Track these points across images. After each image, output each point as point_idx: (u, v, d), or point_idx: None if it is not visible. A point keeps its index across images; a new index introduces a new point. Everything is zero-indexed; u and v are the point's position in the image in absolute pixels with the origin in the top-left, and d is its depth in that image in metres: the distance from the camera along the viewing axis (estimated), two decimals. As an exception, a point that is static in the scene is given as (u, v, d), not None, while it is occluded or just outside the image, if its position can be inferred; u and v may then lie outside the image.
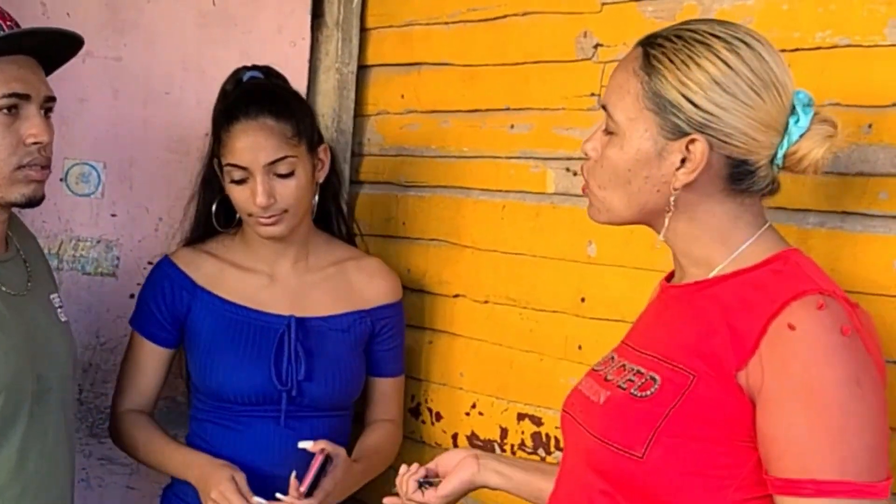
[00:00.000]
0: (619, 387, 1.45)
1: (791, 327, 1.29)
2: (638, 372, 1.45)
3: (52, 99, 1.87)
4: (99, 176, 2.45)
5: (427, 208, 2.41)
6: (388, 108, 2.53)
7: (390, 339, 2.23)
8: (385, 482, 2.40)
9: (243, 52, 2.50)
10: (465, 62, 2.33)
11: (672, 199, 1.39)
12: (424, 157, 2.42)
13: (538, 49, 2.16)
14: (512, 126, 2.21)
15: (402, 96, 2.48)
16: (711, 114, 1.34)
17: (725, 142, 1.35)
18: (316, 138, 2.11)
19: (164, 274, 2.16)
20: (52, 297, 1.98)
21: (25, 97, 1.79)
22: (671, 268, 1.72)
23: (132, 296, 2.47)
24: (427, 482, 1.76)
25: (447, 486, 1.71)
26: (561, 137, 2.11)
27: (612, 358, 1.55)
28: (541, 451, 2.14)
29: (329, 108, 2.55)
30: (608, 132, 1.43)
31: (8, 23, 1.81)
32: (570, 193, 2.09)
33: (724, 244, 1.42)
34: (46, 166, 1.85)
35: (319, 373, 2.09)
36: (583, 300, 2.06)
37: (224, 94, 2.13)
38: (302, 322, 2.11)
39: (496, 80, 2.26)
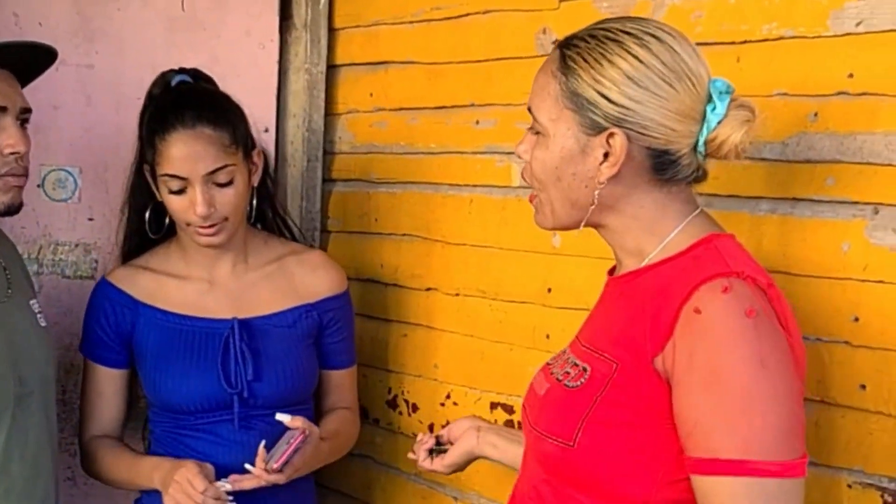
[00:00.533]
0: (557, 379, 1.51)
1: (697, 311, 1.34)
2: (574, 363, 1.50)
3: (27, 110, 1.91)
4: (75, 181, 2.49)
5: (398, 204, 2.46)
6: (358, 106, 2.56)
7: (339, 331, 2.22)
8: (347, 468, 2.46)
9: (212, 56, 2.54)
10: (430, 60, 2.37)
11: (596, 192, 1.43)
12: (394, 153, 2.47)
13: (500, 46, 2.20)
14: (477, 122, 2.26)
15: (371, 94, 2.52)
16: (626, 108, 1.39)
17: (643, 133, 1.40)
18: (250, 143, 2.09)
19: (104, 295, 2.13)
20: (31, 303, 2.01)
21: (2, 109, 1.84)
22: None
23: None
24: (437, 450, 1.86)
25: (450, 456, 1.83)
26: (524, 132, 2.14)
27: (564, 352, 1.61)
28: (514, 439, 2.19)
29: (300, 108, 2.59)
30: (535, 133, 1.48)
31: None
32: (535, 187, 2.13)
33: (653, 233, 1.47)
34: (23, 174, 1.89)
35: (268, 371, 2.07)
36: (549, 290, 2.11)
37: (153, 99, 2.08)
38: (245, 323, 2.09)
39: (460, 77, 2.30)
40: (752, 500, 1.31)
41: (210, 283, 2.12)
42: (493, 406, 2.23)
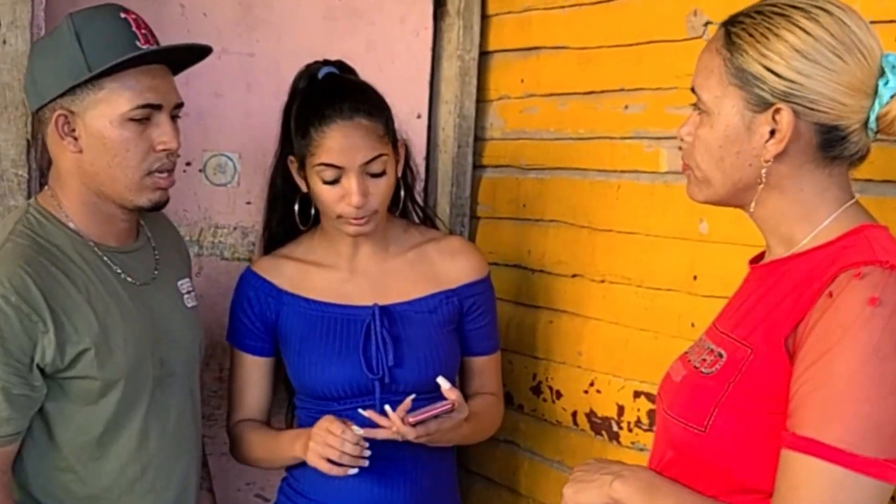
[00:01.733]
0: (694, 366, 1.49)
1: (830, 295, 1.31)
2: (710, 350, 1.48)
3: (180, 105, 1.94)
4: (235, 166, 2.57)
5: (546, 190, 2.45)
6: (509, 92, 2.57)
7: (481, 317, 2.22)
8: (491, 453, 2.47)
9: (368, 43, 2.60)
10: (581, 45, 2.35)
11: (763, 171, 1.40)
12: (543, 139, 2.46)
13: (650, 29, 2.17)
14: (626, 107, 2.23)
15: (522, 80, 2.53)
16: (794, 81, 1.35)
17: (812, 108, 1.36)
18: (396, 134, 2.12)
19: (249, 285, 2.17)
20: (180, 283, 2.06)
21: (157, 107, 1.87)
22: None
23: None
24: None
25: None
26: (673, 116, 2.11)
27: (701, 339, 1.58)
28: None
29: (452, 95, 2.61)
30: (700, 112, 1.45)
31: (143, 31, 1.88)
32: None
33: (808, 220, 1.43)
34: (172, 171, 1.93)
35: (409, 357, 2.09)
36: (695, 278, 2.07)
37: (302, 92, 2.11)
38: (386, 309, 2.11)
39: (611, 61, 2.28)
40: (818, 484, 1.28)
41: (351, 271, 2.15)
42: (637, 395, 2.20)
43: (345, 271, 2.15)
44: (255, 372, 2.18)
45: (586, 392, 2.34)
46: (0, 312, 1.75)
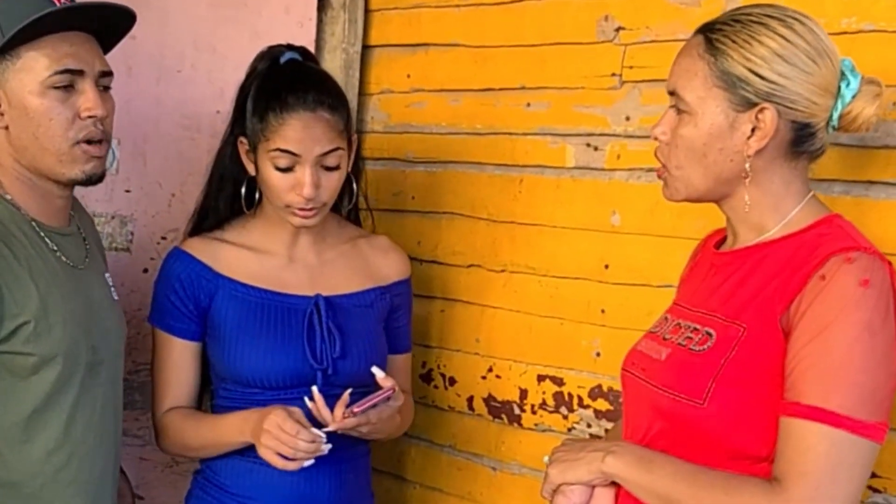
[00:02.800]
0: (679, 344, 1.61)
1: (822, 278, 1.47)
2: (694, 329, 1.60)
3: (107, 74, 1.88)
4: (113, 153, 2.47)
5: (438, 183, 2.52)
6: (392, 87, 2.62)
7: (403, 316, 2.27)
8: (377, 442, 2.50)
9: (253, 32, 2.57)
10: (478, 43, 2.44)
11: (747, 165, 1.54)
12: (433, 133, 2.53)
13: (556, 31, 2.29)
14: (528, 104, 2.34)
15: (408, 76, 2.59)
16: (776, 83, 1.51)
17: (790, 108, 1.52)
18: (352, 130, 2.13)
19: (182, 265, 2.11)
20: (106, 275, 2.02)
21: (79, 73, 1.81)
22: (696, 235, 1.89)
23: (146, 270, 2.53)
24: None
25: None
26: (581, 115, 2.24)
27: (666, 318, 1.71)
28: (563, 410, 2.28)
29: (335, 87, 2.63)
30: (680, 112, 1.57)
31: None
32: (592, 167, 2.23)
33: (776, 210, 1.59)
34: (103, 140, 1.87)
35: (352, 349, 2.09)
36: (606, 267, 2.21)
37: (261, 75, 2.08)
38: (329, 300, 2.11)
39: (510, 60, 2.38)
40: (823, 447, 1.42)
41: (289, 258, 2.13)
42: (541, 378, 2.32)
43: (283, 258, 2.13)
44: (185, 356, 2.11)
45: (484, 378, 2.43)
46: None
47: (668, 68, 2.04)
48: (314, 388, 1.95)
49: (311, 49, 2.60)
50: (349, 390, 1.97)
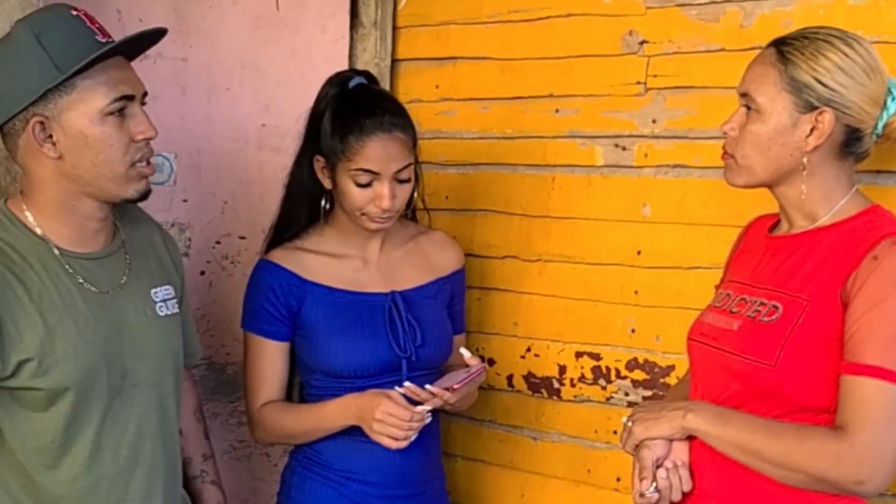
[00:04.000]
0: (749, 316, 1.89)
1: (875, 258, 1.76)
2: (761, 303, 1.88)
3: (146, 94, 1.95)
4: (171, 166, 2.69)
5: (471, 183, 2.77)
6: (421, 97, 2.85)
7: (460, 300, 2.53)
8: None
9: (293, 51, 2.81)
10: (505, 56, 2.69)
11: (805, 159, 1.83)
12: (464, 139, 2.78)
13: (582, 45, 2.55)
14: (557, 110, 2.61)
15: (437, 86, 2.83)
16: (836, 91, 1.79)
17: (846, 113, 1.81)
18: (417, 144, 2.33)
19: (272, 275, 2.31)
20: (153, 291, 2.05)
21: (130, 98, 1.89)
22: (722, 222, 2.19)
23: (202, 273, 2.76)
24: None
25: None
26: (609, 119, 2.52)
27: (728, 295, 1.98)
28: (601, 381, 2.56)
29: (366, 99, 2.87)
30: (749, 111, 1.86)
31: (97, 25, 1.88)
32: (622, 165, 2.50)
33: (827, 201, 1.88)
34: (150, 160, 1.95)
35: (429, 337, 2.33)
36: (639, 253, 2.49)
37: (334, 99, 2.26)
38: (403, 295, 2.34)
39: (538, 71, 2.63)
40: (882, 399, 1.71)
41: (363, 260, 2.36)
42: (579, 355, 2.59)
43: (358, 261, 2.36)
44: (278, 356, 2.33)
45: (523, 357, 2.69)
46: None
47: (689, 76, 2.39)
48: (407, 383, 2.18)
49: (345, 63, 2.86)
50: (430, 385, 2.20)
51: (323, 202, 2.33)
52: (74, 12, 1.86)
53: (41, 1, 2.23)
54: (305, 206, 2.36)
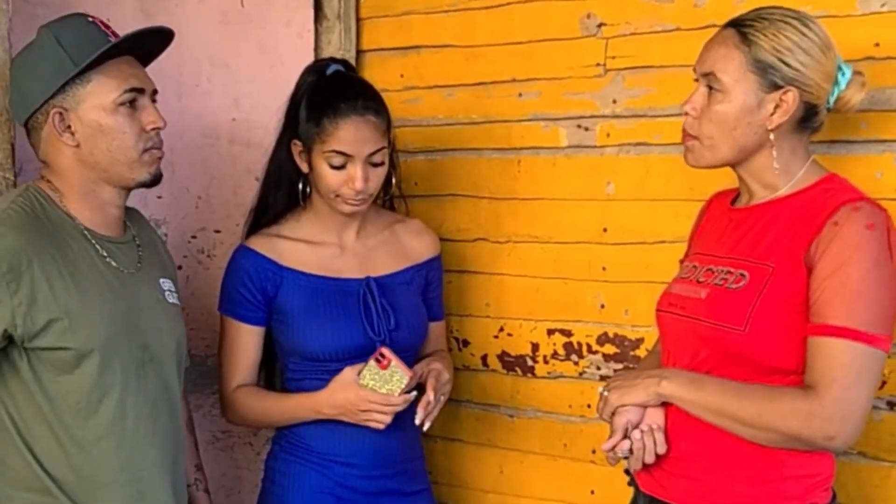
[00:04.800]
0: (716, 284, 1.96)
1: (836, 224, 1.84)
2: (728, 272, 1.96)
3: (156, 91, 2.14)
4: (145, 163, 2.73)
5: (439, 169, 2.84)
6: (387, 86, 2.88)
7: (437, 287, 2.60)
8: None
9: (260, 45, 2.86)
10: (468, 43, 2.76)
11: (771, 136, 1.90)
12: (430, 126, 2.84)
13: (542, 30, 2.62)
14: (520, 94, 2.68)
15: (402, 75, 2.89)
16: (798, 70, 1.87)
17: (806, 91, 1.88)
18: (391, 130, 2.41)
19: (248, 261, 2.39)
20: (161, 281, 2.21)
21: (140, 90, 2.08)
22: (684, 196, 2.26)
23: (180, 267, 2.78)
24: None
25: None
26: (570, 101, 2.59)
27: (695, 266, 2.06)
28: (573, 357, 2.63)
29: (333, 90, 2.92)
30: (712, 91, 1.92)
31: (109, 30, 2.08)
32: (584, 145, 2.58)
33: (786, 173, 1.95)
34: (161, 146, 2.14)
35: (403, 322, 2.41)
36: (605, 230, 2.56)
37: (311, 85, 2.35)
38: (377, 281, 2.43)
39: (500, 57, 2.70)
40: (847, 358, 1.79)
41: (340, 247, 2.43)
42: (551, 332, 2.66)
43: (334, 248, 2.43)
44: (252, 340, 2.40)
45: (496, 337, 2.77)
46: None
47: (647, 56, 2.46)
48: (384, 348, 2.26)
49: (311, 56, 2.92)
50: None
51: (301, 186, 2.39)
52: (90, 18, 2.08)
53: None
54: (284, 190, 2.43)
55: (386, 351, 2.25)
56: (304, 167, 2.36)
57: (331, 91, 2.32)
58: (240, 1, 2.78)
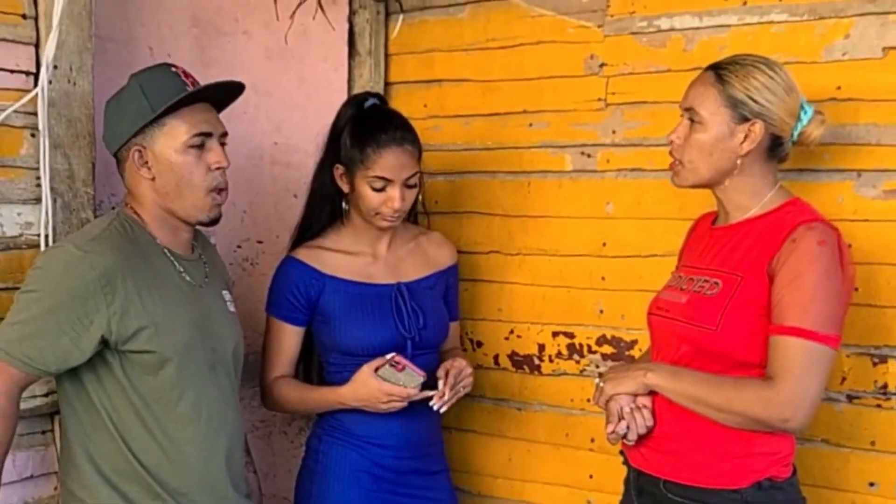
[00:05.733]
0: (695, 291, 2.30)
1: (794, 241, 2.17)
2: (705, 281, 2.30)
3: (225, 134, 2.38)
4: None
5: (457, 189, 3.19)
6: (412, 115, 3.20)
7: (454, 291, 2.94)
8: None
9: (299, 77, 3.21)
10: (485, 78, 3.12)
11: (739, 161, 2.25)
12: (450, 150, 3.20)
13: (550, 68, 2.98)
14: (531, 124, 3.03)
15: (425, 105, 3.24)
16: (764, 106, 2.20)
17: (771, 123, 2.22)
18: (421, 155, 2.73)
19: (296, 270, 2.70)
20: (223, 292, 2.50)
21: (208, 134, 2.32)
22: (674, 216, 2.60)
23: (226, 274, 3.14)
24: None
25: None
26: (575, 130, 2.94)
27: (680, 276, 2.40)
28: (575, 356, 2.98)
29: (363, 118, 3.28)
30: (693, 123, 2.26)
31: (189, 79, 2.31)
32: (587, 170, 2.93)
33: (756, 196, 2.29)
34: (225, 189, 2.36)
35: (430, 321, 2.72)
36: (604, 244, 2.91)
37: (352, 117, 2.66)
38: (407, 286, 2.75)
39: (513, 91, 3.06)
40: (801, 353, 2.12)
41: (374, 256, 2.76)
42: (556, 334, 3.01)
43: (369, 257, 2.76)
44: (294, 338, 2.74)
45: (507, 338, 3.11)
46: (83, 276, 2.14)
47: (643, 93, 2.81)
48: (397, 356, 2.58)
49: (345, 87, 3.27)
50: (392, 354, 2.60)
51: (343, 204, 2.73)
52: (173, 69, 2.31)
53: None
54: (326, 208, 2.76)
55: (399, 358, 2.57)
56: (346, 188, 2.69)
57: (372, 122, 2.65)
58: (283, 38, 3.12)
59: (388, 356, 2.58)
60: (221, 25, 3.06)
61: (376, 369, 2.56)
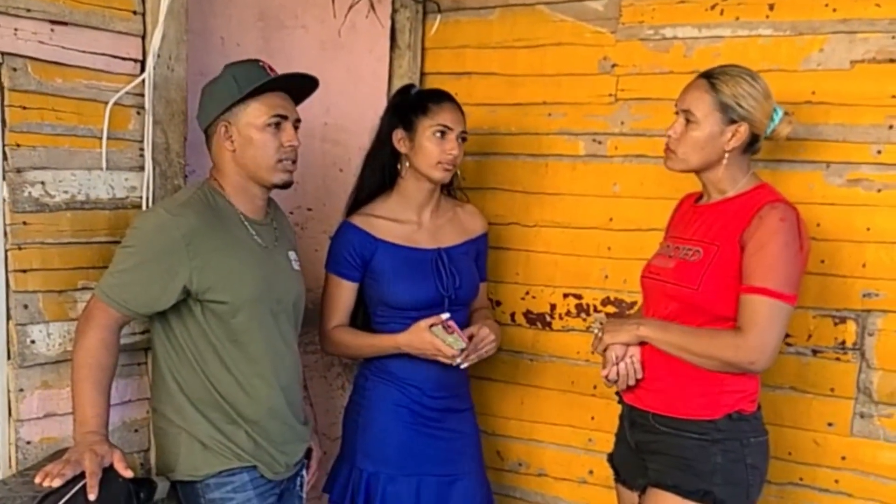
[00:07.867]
0: (680, 258, 2.77)
1: (760, 218, 2.61)
2: (688, 249, 2.76)
3: (299, 120, 2.72)
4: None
5: (482, 168, 3.64)
6: (443, 102, 3.72)
7: (484, 256, 3.37)
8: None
9: (347, 67, 3.66)
10: (510, 73, 3.57)
11: (726, 155, 2.71)
12: (477, 134, 3.64)
13: (569, 66, 3.43)
14: (549, 114, 3.49)
15: (456, 94, 3.65)
16: (748, 111, 2.66)
17: (753, 124, 2.68)
18: None
19: (353, 232, 3.10)
20: (290, 252, 2.84)
21: (284, 117, 2.65)
22: (671, 196, 3.07)
23: (280, 236, 3.59)
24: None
25: None
26: (589, 121, 3.40)
27: (668, 245, 2.87)
28: (582, 315, 3.46)
29: (401, 103, 3.73)
30: (688, 122, 2.73)
31: (273, 72, 2.65)
32: (598, 155, 3.40)
33: (733, 181, 2.73)
34: (295, 161, 2.70)
35: (464, 282, 3.13)
36: (611, 219, 3.39)
37: (405, 99, 3.10)
38: (446, 251, 3.17)
39: (535, 85, 3.51)
40: (765, 309, 2.54)
41: (418, 224, 3.19)
42: (566, 296, 3.49)
43: (414, 224, 3.18)
44: (349, 292, 3.17)
45: (523, 298, 3.58)
46: (171, 235, 2.48)
47: (648, 91, 3.26)
48: (450, 321, 3.01)
49: (386, 76, 3.73)
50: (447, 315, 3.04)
51: (398, 166, 3.14)
52: (261, 63, 2.68)
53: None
54: (377, 176, 3.18)
55: (451, 322, 3.00)
56: (406, 148, 3.10)
57: (426, 95, 3.12)
58: (337, 32, 3.57)
59: (444, 316, 2.99)
60: (284, 20, 3.50)
61: (430, 326, 2.98)
